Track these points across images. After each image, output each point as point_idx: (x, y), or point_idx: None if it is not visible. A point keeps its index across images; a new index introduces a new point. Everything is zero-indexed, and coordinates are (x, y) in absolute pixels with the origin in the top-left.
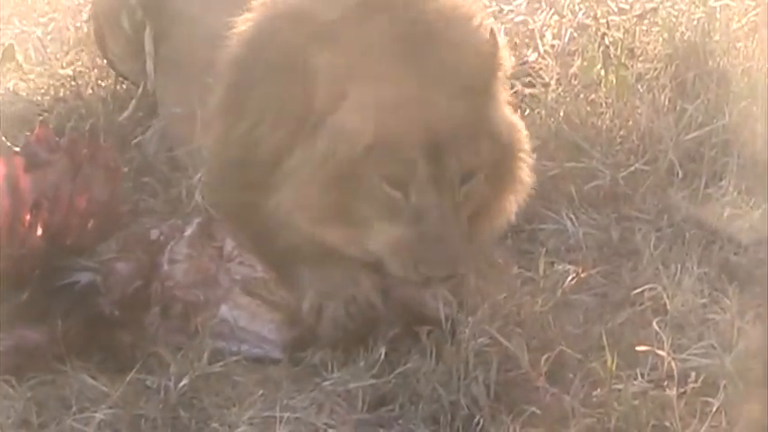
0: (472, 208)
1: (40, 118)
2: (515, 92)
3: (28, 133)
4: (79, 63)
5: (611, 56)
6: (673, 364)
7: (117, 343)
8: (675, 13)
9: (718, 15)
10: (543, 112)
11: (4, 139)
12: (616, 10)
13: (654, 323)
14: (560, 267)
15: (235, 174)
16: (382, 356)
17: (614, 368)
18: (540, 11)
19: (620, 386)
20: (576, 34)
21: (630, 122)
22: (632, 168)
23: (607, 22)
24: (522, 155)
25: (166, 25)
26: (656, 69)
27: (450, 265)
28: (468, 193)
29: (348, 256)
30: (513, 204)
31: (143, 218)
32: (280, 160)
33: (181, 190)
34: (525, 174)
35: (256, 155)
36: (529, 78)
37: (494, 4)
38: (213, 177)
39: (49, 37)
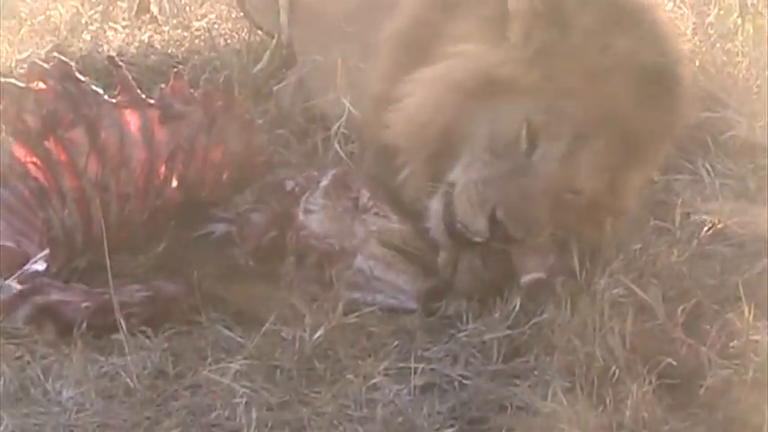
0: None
1: (175, 70)
2: None
3: (163, 85)
4: (213, 15)
5: (748, 4)
6: None
7: (252, 294)
8: None
9: None
10: None
11: (139, 91)
12: None
13: None
14: (696, 218)
15: None
16: (517, 307)
17: (751, 319)
18: None
19: (756, 337)
20: None
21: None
22: None
23: None
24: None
25: None
26: None
27: (526, 227)
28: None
29: None
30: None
31: (278, 169)
32: None
33: (316, 141)
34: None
35: None
36: None
37: None
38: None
39: None
